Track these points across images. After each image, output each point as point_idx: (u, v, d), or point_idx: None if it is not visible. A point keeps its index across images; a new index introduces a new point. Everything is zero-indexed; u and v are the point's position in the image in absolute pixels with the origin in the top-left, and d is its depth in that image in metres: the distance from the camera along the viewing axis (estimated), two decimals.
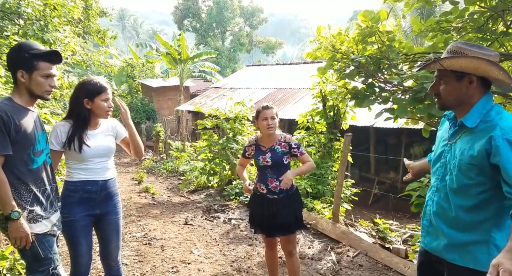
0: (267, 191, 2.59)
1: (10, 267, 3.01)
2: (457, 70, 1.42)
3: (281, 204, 2.56)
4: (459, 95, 1.45)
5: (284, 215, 2.55)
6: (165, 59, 16.05)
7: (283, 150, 2.59)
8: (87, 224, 2.20)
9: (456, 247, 1.48)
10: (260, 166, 2.61)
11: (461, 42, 1.49)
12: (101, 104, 2.14)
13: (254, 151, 2.66)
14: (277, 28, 70.22)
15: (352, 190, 5.71)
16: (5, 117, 1.74)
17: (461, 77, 1.43)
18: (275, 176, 2.56)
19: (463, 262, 1.45)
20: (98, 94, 2.13)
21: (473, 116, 1.43)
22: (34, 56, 1.83)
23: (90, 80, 2.22)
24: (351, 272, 3.29)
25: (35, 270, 1.87)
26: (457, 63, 1.42)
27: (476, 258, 1.43)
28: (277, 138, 2.61)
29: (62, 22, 6.67)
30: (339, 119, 5.96)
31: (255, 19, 33.35)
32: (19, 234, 1.77)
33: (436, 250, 1.56)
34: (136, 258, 3.60)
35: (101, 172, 2.21)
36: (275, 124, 2.56)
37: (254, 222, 2.72)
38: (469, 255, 1.44)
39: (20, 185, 1.83)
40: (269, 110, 2.57)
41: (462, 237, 1.46)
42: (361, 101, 4.37)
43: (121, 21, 58.49)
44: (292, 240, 2.66)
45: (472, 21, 3.74)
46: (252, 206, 2.74)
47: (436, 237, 1.56)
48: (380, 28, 4.00)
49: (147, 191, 6.90)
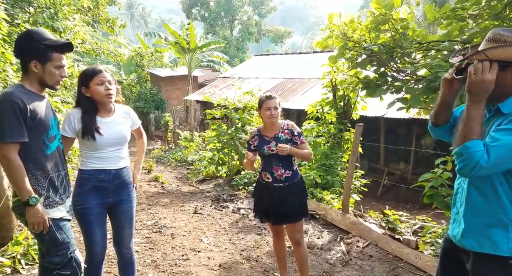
0: (272, 179, 2.59)
1: (24, 253, 3.07)
2: (502, 60, 1.34)
3: (287, 191, 2.57)
4: (503, 86, 1.38)
5: (290, 203, 2.56)
6: (174, 48, 16.01)
7: (287, 137, 2.59)
8: (100, 212, 2.22)
9: (473, 232, 1.44)
10: (264, 155, 2.62)
11: (501, 29, 1.39)
12: (96, 88, 2.09)
13: (258, 141, 2.66)
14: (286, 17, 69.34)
15: (361, 181, 5.67)
16: (21, 104, 1.74)
17: (506, 67, 1.36)
18: (280, 164, 2.57)
19: (481, 249, 1.42)
20: (91, 79, 2.10)
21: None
22: (49, 47, 1.82)
23: (86, 68, 2.21)
24: (361, 262, 3.28)
25: (53, 254, 1.90)
26: (505, 53, 1.34)
27: (495, 242, 1.39)
28: (280, 126, 2.62)
29: (71, 10, 6.66)
30: (349, 109, 5.88)
31: (264, 7, 32.97)
32: (36, 219, 1.79)
33: (455, 238, 1.53)
34: (147, 246, 3.65)
35: (114, 161, 2.22)
36: (278, 114, 2.56)
37: (259, 211, 2.72)
38: (487, 241, 1.41)
39: (37, 171, 1.85)
40: (272, 100, 2.56)
41: (479, 221, 1.43)
42: (373, 91, 4.29)
43: (130, 10, 58.34)
44: (298, 228, 2.65)
45: (489, 8, 3.62)
46: (257, 195, 2.75)
47: (458, 224, 1.52)
48: (393, 15, 3.91)
49: (156, 180, 6.95)
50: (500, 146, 1.28)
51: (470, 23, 3.82)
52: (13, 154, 1.75)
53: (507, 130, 1.31)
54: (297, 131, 2.61)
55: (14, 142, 1.74)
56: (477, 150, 1.28)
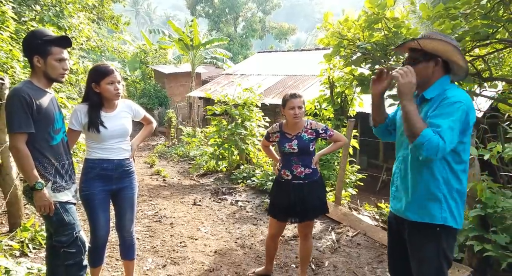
0: (292, 177, 2.59)
1: (31, 238, 3.28)
2: (427, 51, 1.65)
3: (307, 189, 2.58)
4: (426, 74, 1.68)
5: (311, 200, 2.58)
6: (177, 45, 16.17)
7: (310, 137, 2.58)
8: (104, 198, 2.40)
9: (415, 206, 1.71)
10: (285, 153, 2.60)
11: (432, 31, 1.75)
12: (106, 87, 2.28)
13: (279, 138, 2.64)
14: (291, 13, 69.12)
15: (358, 176, 5.83)
16: (28, 98, 1.93)
17: (430, 58, 1.67)
18: (300, 163, 2.57)
19: (421, 219, 1.69)
20: (103, 78, 2.27)
21: (433, 90, 1.68)
22: (46, 42, 2.00)
23: (98, 65, 2.38)
24: (349, 249, 3.45)
25: (61, 234, 2.09)
26: (431, 44, 1.64)
27: (431, 214, 1.67)
28: (303, 125, 2.60)
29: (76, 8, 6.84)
30: (346, 106, 6.02)
31: (268, 4, 32.98)
32: (43, 202, 1.99)
33: (400, 211, 1.79)
34: (147, 233, 3.84)
35: (116, 152, 2.40)
36: (302, 113, 2.53)
37: (275, 210, 2.69)
38: (425, 211, 1.68)
39: (44, 159, 2.04)
40: (297, 99, 2.52)
41: (418, 196, 1.70)
42: (367, 88, 4.43)
43: (135, 6, 58.56)
44: (311, 224, 2.73)
45: (480, 7, 3.74)
46: (275, 193, 2.73)
47: (400, 200, 1.79)
48: (388, 14, 4.03)
49: (158, 174, 7.16)
50: (445, 129, 1.51)
51: (462, 22, 3.94)
52: (21, 143, 1.94)
53: (439, 116, 1.56)
54: (321, 128, 2.61)
55: (22, 133, 1.94)
56: (432, 135, 1.50)
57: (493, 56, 4.72)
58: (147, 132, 2.72)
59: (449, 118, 1.53)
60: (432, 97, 1.67)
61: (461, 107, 1.55)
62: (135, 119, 2.56)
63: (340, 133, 5.89)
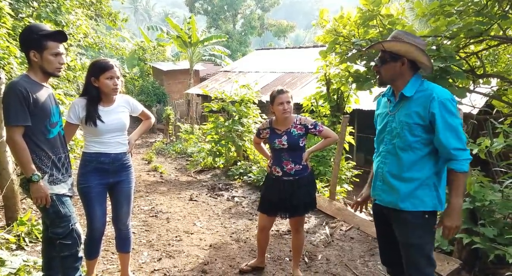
0: (282, 173, 2.60)
1: (28, 232, 3.32)
2: (393, 52, 1.79)
3: (297, 185, 2.59)
4: (393, 73, 1.83)
5: (301, 196, 2.59)
6: (176, 42, 16.14)
7: (299, 133, 2.58)
8: (101, 191, 2.43)
9: (408, 197, 1.80)
10: (275, 149, 2.61)
11: (402, 30, 1.87)
12: (105, 82, 2.31)
13: (269, 134, 2.65)
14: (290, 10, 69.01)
15: (353, 172, 5.87)
16: (25, 92, 1.96)
17: (396, 59, 1.80)
18: (291, 159, 2.58)
19: (415, 208, 1.79)
20: (102, 73, 2.30)
21: (410, 88, 1.80)
22: (42, 37, 2.02)
23: (98, 60, 2.41)
24: (342, 243, 3.50)
25: (57, 226, 2.13)
26: (394, 46, 1.78)
27: (424, 202, 1.78)
28: (292, 121, 2.60)
29: (74, 5, 6.85)
30: (342, 103, 6.05)
31: (267, 1, 32.89)
32: (39, 194, 2.02)
33: (391, 203, 1.86)
34: (143, 228, 3.88)
35: (114, 145, 2.43)
36: (291, 108, 2.53)
37: (265, 205, 2.71)
38: (418, 200, 1.79)
39: (40, 152, 2.07)
40: (284, 94, 2.53)
41: (410, 187, 1.79)
42: (362, 84, 4.47)
43: (134, 3, 58.43)
44: (303, 219, 2.78)
45: (474, 4, 3.77)
46: (266, 189, 2.74)
47: (390, 193, 1.86)
48: (384, 11, 4.06)
49: (155, 170, 7.19)
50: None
51: (457, 19, 3.97)
52: (18, 136, 1.98)
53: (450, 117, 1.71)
54: (311, 124, 2.60)
55: (19, 126, 1.97)
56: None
57: (488, 53, 4.76)
58: (145, 127, 2.75)
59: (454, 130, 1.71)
60: (411, 95, 1.79)
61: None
62: (133, 114, 2.58)
63: (334, 130, 6.04)
